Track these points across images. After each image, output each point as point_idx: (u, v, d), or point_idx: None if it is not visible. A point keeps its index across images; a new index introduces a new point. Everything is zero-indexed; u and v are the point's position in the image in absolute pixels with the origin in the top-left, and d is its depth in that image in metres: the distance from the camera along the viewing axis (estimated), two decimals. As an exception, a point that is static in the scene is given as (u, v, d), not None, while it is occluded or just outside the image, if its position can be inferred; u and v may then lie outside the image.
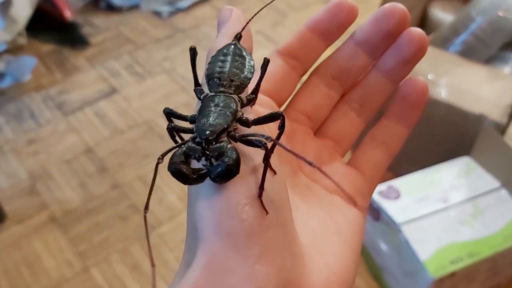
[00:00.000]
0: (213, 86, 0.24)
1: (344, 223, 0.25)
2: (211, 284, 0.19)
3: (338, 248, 0.23)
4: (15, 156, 1.21)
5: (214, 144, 0.21)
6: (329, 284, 0.22)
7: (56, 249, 1.02)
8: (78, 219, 1.07)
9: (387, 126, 0.28)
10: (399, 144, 0.28)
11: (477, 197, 0.89)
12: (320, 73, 0.29)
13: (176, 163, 0.21)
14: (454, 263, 0.81)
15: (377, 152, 0.28)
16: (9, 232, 1.05)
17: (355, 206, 0.27)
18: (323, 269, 0.21)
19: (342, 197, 0.26)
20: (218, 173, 0.20)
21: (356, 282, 0.96)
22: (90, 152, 1.21)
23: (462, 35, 1.14)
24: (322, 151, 0.28)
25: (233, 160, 0.20)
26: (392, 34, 0.27)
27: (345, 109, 0.29)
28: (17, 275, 0.98)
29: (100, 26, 1.60)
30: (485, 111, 0.95)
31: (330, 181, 0.25)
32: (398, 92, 0.28)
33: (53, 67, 1.45)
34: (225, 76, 0.24)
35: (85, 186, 1.14)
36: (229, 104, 0.23)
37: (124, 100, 1.34)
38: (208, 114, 0.22)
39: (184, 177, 0.21)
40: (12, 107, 1.33)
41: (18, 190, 1.13)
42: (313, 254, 0.22)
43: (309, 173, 0.27)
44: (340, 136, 0.28)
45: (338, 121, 0.29)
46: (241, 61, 0.25)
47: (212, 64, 0.25)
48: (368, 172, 0.28)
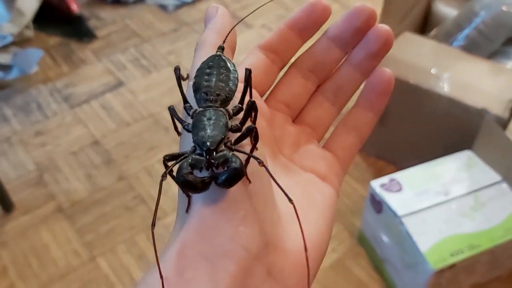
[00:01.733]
0: (201, 101, 0.26)
1: (319, 197, 0.27)
2: (200, 243, 0.22)
3: (314, 218, 0.26)
4: (23, 147, 1.22)
5: (216, 153, 0.23)
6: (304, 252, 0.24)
7: (63, 239, 1.04)
8: (85, 210, 1.09)
9: (357, 113, 0.31)
10: (368, 130, 0.31)
11: (478, 190, 0.90)
12: (298, 66, 0.31)
13: (184, 175, 0.22)
14: (455, 255, 0.82)
15: (349, 137, 0.30)
16: (17, 222, 1.07)
17: (346, 164, 0.30)
18: (300, 237, 0.24)
19: (318, 175, 0.28)
20: (227, 178, 0.22)
21: (358, 273, 0.97)
22: (97, 144, 1.23)
23: (466, 29, 1.14)
24: (299, 136, 0.30)
25: (239, 164, 0.22)
26: (361, 30, 0.29)
27: (320, 99, 0.31)
28: (25, 264, 1.00)
29: (107, 19, 1.61)
30: (487, 105, 0.96)
31: (306, 162, 0.29)
32: (367, 82, 0.30)
33: (59, 59, 1.47)
34: (211, 90, 0.25)
35: (92, 177, 1.15)
36: (220, 117, 0.25)
37: (130, 93, 1.36)
38: (203, 127, 0.24)
39: (193, 187, 0.22)
40: (19, 99, 1.35)
41: (26, 181, 1.15)
42: (291, 222, 0.24)
43: (287, 155, 0.29)
44: (316, 123, 0.31)
45: (314, 109, 0.31)
46: (226, 73, 0.26)
47: (198, 78, 0.26)
48: (340, 155, 0.30)
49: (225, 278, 0.21)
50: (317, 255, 0.25)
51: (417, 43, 1.11)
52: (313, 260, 0.25)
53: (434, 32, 1.24)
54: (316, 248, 0.25)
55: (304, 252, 0.23)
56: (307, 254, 0.22)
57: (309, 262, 0.24)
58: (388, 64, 1.03)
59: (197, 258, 0.22)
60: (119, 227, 1.06)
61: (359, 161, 1.17)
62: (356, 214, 1.06)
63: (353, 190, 1.11)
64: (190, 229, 0.23)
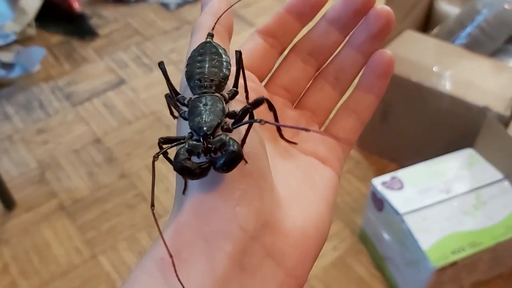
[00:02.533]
0: (195, 88, 0.25)
1: (319, 180, 0.27)
2: (197, 223, 0.22)
3: (314, 200, 0.26)
4: (25, 145, 1.23)
5: (213, 138, 0.23)
6: (305, 229, 0.24)
7: (65, 236, 1.04)
8: (86, 208, 1.09)
9: (358, 96, 0.30)
10: (369, 112, 0.30)
11: (480, 188, 0.90)
12: (297, 50, 0.31)
13: (182, 161, 0.22)
14: (456, 253, 0.82)
15: (350, 120, 0.30)
16: (19, 219, 1.07)
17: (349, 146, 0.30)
18: (299, 217, 0.24)
19: (318, 158, 0.28)
20: (225, 162, 0.22)
21: (359, 271, 0.97)
22: (98, 142, 1.23)
23: (468, 28, 1.14)
24: (300, 120, 0.30)
25: (237, 147, 0.22)
26: (361, 11, 0.29)
27: (321, 83, 0.31)
28: (27, 262, 1.00)
29: (108, 18, 1.61)
30: (489, 103, 0.96)
31: (307, 145, 0.29)
32: (367, 64, 0.30)
33: (62, 58, 1.47)
34: (205, 77, 0.25)
35: (93, 175, 1.16)
36: (216, 102, 0.24)
37: (132, 91, 1.36)
38: (200, 113, 0.24)
39: (191, 173, 0.22)
40: (21, 97, 1.35)
41: (28, 178, 1.15)
42: (290, 203, 0.24)
43: (288, 138, 0.29)
44: (317, 107, 0.31)
45: (315, 93, 0.31)
46: (218, 59, 0.26)
47: (190, 66, 0.26)
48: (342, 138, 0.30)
49: (222, 258, 0.21)
50: (318, 236, 0.25)
51: (419, 41, 1.10)
52: (314, 241, 0.24)
53: (436, 30, 1.24)
54: (316, 229, 0.25)
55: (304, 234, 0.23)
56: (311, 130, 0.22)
57: (309, 243, 0.24)
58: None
59: (193, 239, 0.22)
60: (120, 224, 1.06)
61: (361, 159, 1.17)
62: (357, 212, 1.06)
63: (355, 188, 1.11)
64: (186, 210, 0.22)
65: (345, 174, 1.14)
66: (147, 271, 0.21)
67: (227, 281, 0.21)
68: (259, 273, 0.22)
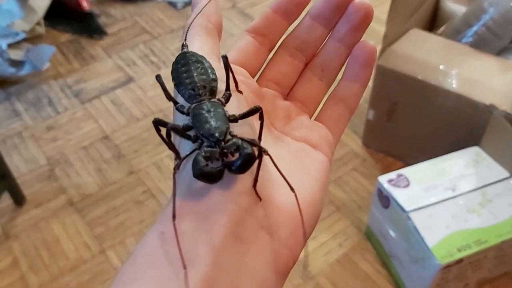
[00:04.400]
0: (191, 98, 0.27)
1: (311, 164, 0.29)
2: (192, 200, 0.24)
3: (306, 181, 0.27)
4: (34, 142, 1.24)
5: (225, 143, 0.24)
6: (296, 207, 0.25)
7: (74, 232, 1.06)
8: (95, 204, 1.10)
9: (344, 85, 0.32)
10: (356, 100, 0.32)
11: (486, 186, 0.91)
12: (285, 46, 0.33)
13: (202, 168, 0.23)
14: (462, 251, 0.82)
15: (337, 108, 0.32)
16: (29, 215, 1.09)
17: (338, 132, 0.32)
18: (292, 195, 0.25)
19: (309, 144, 0.30)
20: (242, 164, 0.23)
21: (365, 268, 0.98)
22: (107, 139, 1.24)
23: (474, 26, 1.14)
24: (290, 110, 0.32)
25: (251, 149, 0.23)
26: (341, 6, 0.31)
27: (309, 75, 0.33)
28: (36, 257, 1.02)
29: (116, 16, 1.63)
30: (495, 101, 0.96)
31: (298, 133, 0.30)
32: (351, 55, 0.32)
33: (70, 56, 1.48)
34: (197, 85, 0.27)
35: (102, 171, 1.17)
36: (218, 107, 0.26)
37: (140, 89, 1.37)
38: (206, 120, 0.25)
39: (212, 178, 0.23)
40: (31, 95, 1.36)
41: (37, 175, 1.17)
42: (283, 182, 0.25)
43: (279, 127, 0.30)
44: (306, 98, 0.32)
45: (303, 85, 0.33)
46: (201, 66, 0.27)
47: (177, 78, 0.28)
48: (331, 125, 0.31)
49: (219, 229, 0.23)
50: (310, 213, 0.26)
51: (425, 40, 1.11)
52: (306, 217, 0.26)
53: (443, 28, 1.24)
54: (308, 206, 0.26)
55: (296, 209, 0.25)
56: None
57: (302, 218, 0.25)
58: (397, 60, 1.04)
59: (190, 213, 0.23)
60: (128, 220, 1.07)
61: (367, 157, 1.17)
62: (363, 209, 1.06)
63: (361, 186, 1.12)
64: (183, 189, 0.24)
65: (351, 172, 1.14)
66: (150, 245, 0.23)
67: (225, 251, 0.22)
68: (254, 244, 0.23)
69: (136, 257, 0.23)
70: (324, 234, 1.03)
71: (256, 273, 0.23)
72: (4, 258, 1.01)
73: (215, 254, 0.22)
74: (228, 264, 0.22)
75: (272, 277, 0.24)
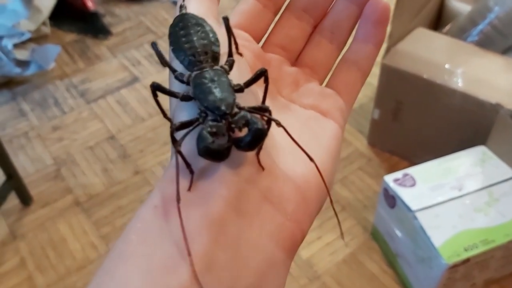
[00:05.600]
0: (191, 65, 0.24)
1: (321, 132, 0.26)
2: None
3: (316, 149, 0.25)
4: (41, 142, 1.25)
5: (233, 117, 0.22)
6: (305, 175, 0.24)
7: (80, 231, 1.06)
8: (101, 203, 1.11)
9: (356, 47, 0.29)
10: (369, 63, 0.30)
11: (492, 185, 0.90)
12: (291, 8, 0.30)
13: (208, 145, 0.21)
14: (469, 250, 0.82)
15: (350, 72, 0.29)
16: (35, 215, 1.09)
17: (351, 98, 0.29)
18: (299, 164, 0.23)
19: (319, 111, 0.27)
20: (252, 141, 0.21)
21: (371, 268, 0.98)
22: (112, 139, 1.25)
23: (480, 25, 1.14)
24: (298, 76, 0.29)
25: (261, 124, 0.21)
26: None
27: (317, 38, 0.30)
28: (43, 256, 1.02)
29: (121, 16, 1.63)
30: (501, 100, 0.96)
31: (307, 100, 0.28)
32: (363, 14, 0.29)
33: (76, 56, 1.49)
34: (198, 51, 0.24)
35: (108, 171, 1.17)
36: (221, 76, 0.23)
37: (145, 89, 1.37)
38: (210, 91, 0.23)
39: (219, 156, 0.21)
40: (37, 95, 1.37)
41: (44, 175, 1.17)
42: (290, 151, 0.24)
43: (286, 94, 0.28)
44: (316, 64, 0.30)
45: (312, 50, 0.30)
46: (201, 29, 0.25)
47: (176, 43, 0.25)
48: (343, 91, 0.29)
49: (217, 202, 0.21)
50: (320, 184, 0.24)
51: (431, 39, 1.10)
52: (315, 188, 0.24)
53: (448, 27, 1.24)
54: (318, 177, 0.24)
55: (305, 179, 0.23)
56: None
57: (310, 188, 0.23)
58: (402, 59, 1.03)
59: (187, 185, 0.22)
60: (135, 220, 1.07)
61: (373, 156, 1.17)
62: (369, 209, 1.06)
63: (366, 185, 1.12)
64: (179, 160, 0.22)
65: (357, 171, 1.14)
66: (142, 219, 0.21)
67: (223, 225, 0.21)
68: (256, 217, 0.22)
69: (128, 233, 0.21)
70: (330, 233, 1.03)
71: (259, 249, 0.21)
72: (12, 258, 1.02)
73: (213, 229, 0.20)
74: (228, 239, 0.20)
75: (278, 252, 0.22)
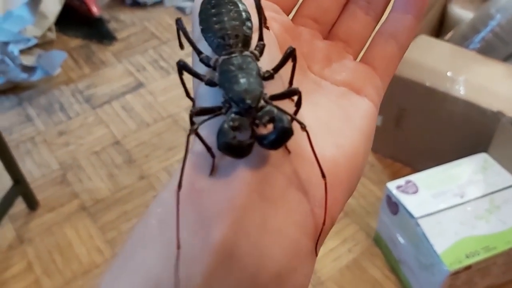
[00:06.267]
0: (219, 49, 0.23)
1: (353, 110, 0.25)
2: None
3: (348, 131, 0.24)
4: (47, 147, 1.26)
5: (258, 111, 0.20)
6: (335, 158, 0.22)
7: (87, 236, 1.07)
8: (107, 208, 1.12)
9: (394, 18, 0.27)
10: (409, 35, 0.27)
11: (494, 192, 0.91)
12: None
13: (229, 141, 0.19)
14: (470, 257, 0.83)
15: (387, 46, 0.27)
16: (42, 219, 1.11)
17: (388, 74, 0.27)
18: (328, 146, 0.22)
19: (352, 89, 0.26)
20: (277, 139, 0.20)
21: (373, 274, 0.99)
22: (118, 144, 1.26)
23: (482, 32, 1.15)
24: (331, 50, 0.27)
25: (287, 123, 0.20)
26: None
27: (352, 9, 0.28)
28: (50, 261, 1.03)
29: (126, 22, 1.64)
30: (503, 108, 0.97)
31: (339, 76, 0.26)
32: None
33: (81, 61, 1.50)
34: (228, 33, 0.23)
35: (113, 176, 1.18)
36: (250, 63, 0.22)
37: (150, 94, 1.38)
38: (237, 80, 0.21)
39: (240, 153, 0.20)
40: (43, 100, 1.38)
41: (50, 179, 1.18)
42: (318, 132, 0.22)
43: (317, 70, 0.26)
44: (350, 37, 0.28)
45: (346, 21, 0.28)
46: (234, 8, 0.23)
47: (205, 22, 0.23)
48: (379, 66, 0.27)
49: (241, 186, 0.20)
50: (350, 167, 0.23)
51: (433, 46, 1.11)
52: (345, 171, 0.23)
53: (450, 35, 1.25)
54: (348, 159, 0.23)
55: (334, 163, 0.22)
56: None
57: (339, 172, 0.22)
58: (404, 66, 1.04)
59: (209, 169, 0.20)
60: (140, 225, 1.08)
61: (375, 163, 1.18)
62: (372, 215, 1.07)
63: (369, 191, 1.13)
64: (200, 144, 0.21)
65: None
66: (162, 204, 0.20)
67: (247, 211, 0.19)
68: (282, 203, 0.20)
69: (149, 218, 0.20)
70: (333, 239, 1.04)
71: (284, 236, 0.20)
72: (19, 262, 1.03)
73: (236, 214, 0.19)
74: (251, 226, 0.19)
75: (305, 240, 0.21)
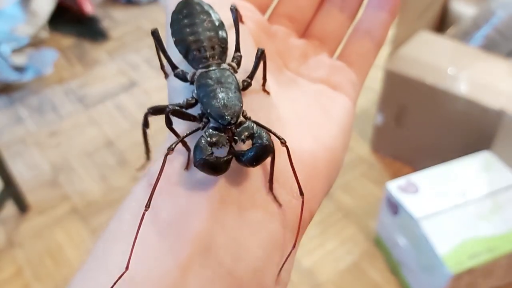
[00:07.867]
0: (196, 62, 0.22)
1: (330, 105, 0.25)
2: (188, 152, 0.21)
3: (325, 124, 0.24)
4: (38, 148, 1.23)
5: (237, 127, 0.20)
6: (313, 151, 0.22)
7: (78, 239, 1.05)
8: (99, 210, 1.09)
9: (369, 15, 0.27)
10: (383, 32, 0.27)
11: (497, 192, 0.89)
12: None
13: (206, 158, 0.19)
14: (473, 258, 0.81)
15: (363, 42, 0.27)
16: (32, 222, 1.08)
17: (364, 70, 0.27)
18: (306, 139, 0.22)
19: (329, 85, 0.26)
20: (255, 157, 0.19)
21: (374, 276, 0.96)
22: (111, 145, 1.23)
23: (483, 29, 1.13)
24: (307, 48, 0.27)
25: (267, 140, 0.19)
26: None
27: (327, 7, 0.28)
28: (40, 264, 1.01)
29: (120, 20, 1.62)
30: (505, 106, 0.95)
31: (316, 73, 0.26)
32: None
33: (74, 60, 1.48)
34: (204, 45, 0.22)
35: (106, 178, 1.16)
36: (229, 77, 0.21)
37: (144, 93, 1.36)
38: (215, 95, 0.21)
39: (219, 169, 0.19)
40: (34, 100, 1.35)
41: (41, 181, 1.16)
42: (296, 126, 0.22)
43: (294, 68, 0.26)
44: (326, 34, 0.28)
45: (321, 20, 0.28)
46: (208, 18, 0.23)
47: (178, 34, 0.23)
48: (355, 62, 0.27)
49: (217, 178, 0.20)
50: (329, 160, 0.23)
51: (433, 43, 1.09)
52: (324, 164, 0.22)
53: (451, 31, 1.23)
54: (327, 152, 0.23)
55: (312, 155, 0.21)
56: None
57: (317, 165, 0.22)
58: (405, 63, 1.02)
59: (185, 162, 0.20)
60: (133, 228, 1.06)
61: (375, 162, 1.16)
62: (372, 216, 1.05)
63: (369, 191, 1.10)
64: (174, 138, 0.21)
65: (359, 178, 1.13)
66: (136, 199, 0.21)
67: (224, 203, 0.19)
68: (260, 195, 0.20)
69: (122, 213, 0.20)
70: (332, 241, 1.01)
71: (262, 228, 0.20)
72: (9, 267, 1.00)
73: (213, 207, 0.19)
74: (228, 219, 0.19)
75: (283, 232, 0.20)
